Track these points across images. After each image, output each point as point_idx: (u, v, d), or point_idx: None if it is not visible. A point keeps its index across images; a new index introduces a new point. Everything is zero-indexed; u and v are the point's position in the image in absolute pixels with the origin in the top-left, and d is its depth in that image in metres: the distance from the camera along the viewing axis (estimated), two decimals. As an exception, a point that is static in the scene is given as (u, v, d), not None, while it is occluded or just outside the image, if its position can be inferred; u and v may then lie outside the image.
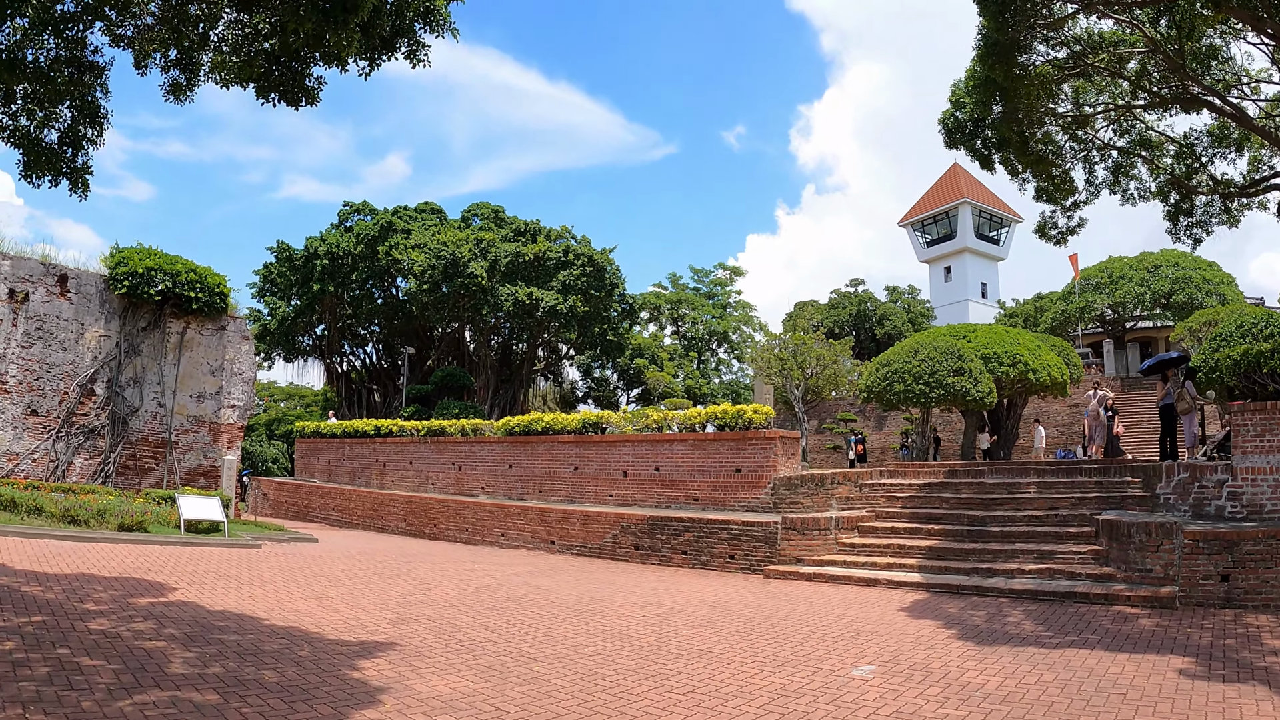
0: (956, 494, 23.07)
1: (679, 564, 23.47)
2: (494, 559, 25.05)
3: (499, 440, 34.02)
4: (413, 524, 34.33)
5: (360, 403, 68.46)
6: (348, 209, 68.82)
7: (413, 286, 57.74)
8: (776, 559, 21.49)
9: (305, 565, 20.78)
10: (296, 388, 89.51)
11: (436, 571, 21.16)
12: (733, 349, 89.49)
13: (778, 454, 25.55)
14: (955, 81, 27.63)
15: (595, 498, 29.68)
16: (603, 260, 61.37)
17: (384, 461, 40.90)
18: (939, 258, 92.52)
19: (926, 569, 19.28)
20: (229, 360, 32.89)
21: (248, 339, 33.95)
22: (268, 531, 27.83)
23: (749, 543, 22.15)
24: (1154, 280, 65.35)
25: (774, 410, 27.74)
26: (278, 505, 45.24)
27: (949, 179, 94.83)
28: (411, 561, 23.29)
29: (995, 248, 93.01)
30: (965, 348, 35.01)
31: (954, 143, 27.68)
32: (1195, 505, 18.16)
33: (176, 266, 31.02)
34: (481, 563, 23.80)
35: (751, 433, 26.06)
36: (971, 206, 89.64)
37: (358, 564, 21.87)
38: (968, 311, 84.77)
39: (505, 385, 67.10)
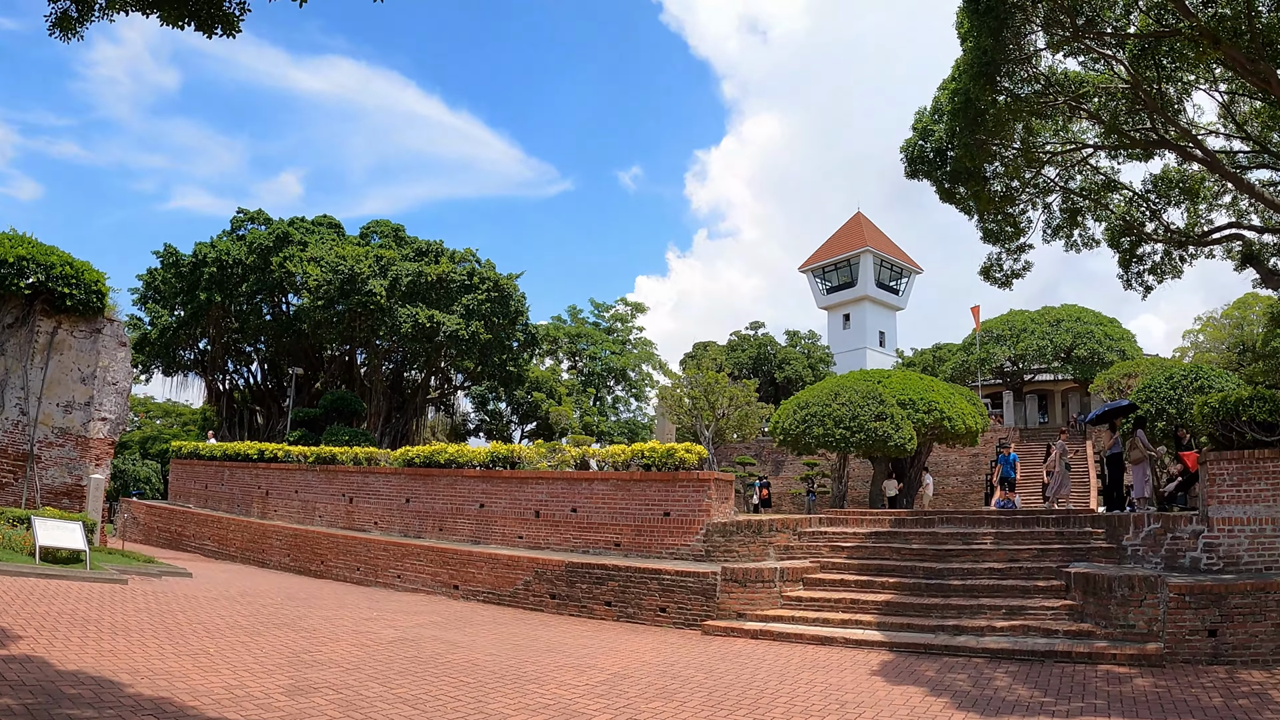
0: (907, 544, 22.05)
1: (601, 616, 21.53)
2: (393, 604, 22.68)
3: (396, 472, 31.45)
4: (297, 560, 31.62)
5: (242, 424, 64.67)
6: (241, 216, 64.95)
7: (306, 302, 54.16)
8: (715, 613, 19.76)
9: (179, 608, 18.08)
10: (174, 405, 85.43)
11: (331, 620, 18.69)
12: (631, 387, 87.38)
13: (711, 497, 23.63)
14: (920, 109, 26.89)
15: (503, 539, 27.35)
16: (508, 286, 58.76)
17: (267, 489, 37.93)
18: (838, 305, 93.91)
19: (886, 626, 17.97)
20: (103, 367, 29.97)
21: (125, 345, 31.02)
22: (136, 563, 24.88)
23: (683, 595, 20.36)
24: (1056, 334, 66.93)
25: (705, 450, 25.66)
26: (149, 531, 42.09)
27: (852, 227, 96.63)
28: (301, 606, 20.77)
29: (895, 297, 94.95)
30: (885, 393, 34.76)
31: (915, 173, 26.56)
32: (1168, 557, 17.88)
33: (51, 258, 28.03)
34: (380, 609, 21.43)
35: (683, 474, 24.10)
36: (873, 255, 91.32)
37: (239, 608, 19.23)
38: (865, 359, 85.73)
39: (397, 413, 64.00)
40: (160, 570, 24.62)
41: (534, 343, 62.92)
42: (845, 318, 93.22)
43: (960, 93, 22.02)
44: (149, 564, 25.47)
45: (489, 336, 57.82)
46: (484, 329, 57.08)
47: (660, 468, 24.63)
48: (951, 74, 23.71)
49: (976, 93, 21.09)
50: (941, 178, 25.90)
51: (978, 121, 22.15)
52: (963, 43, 21.41)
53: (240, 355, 66.75)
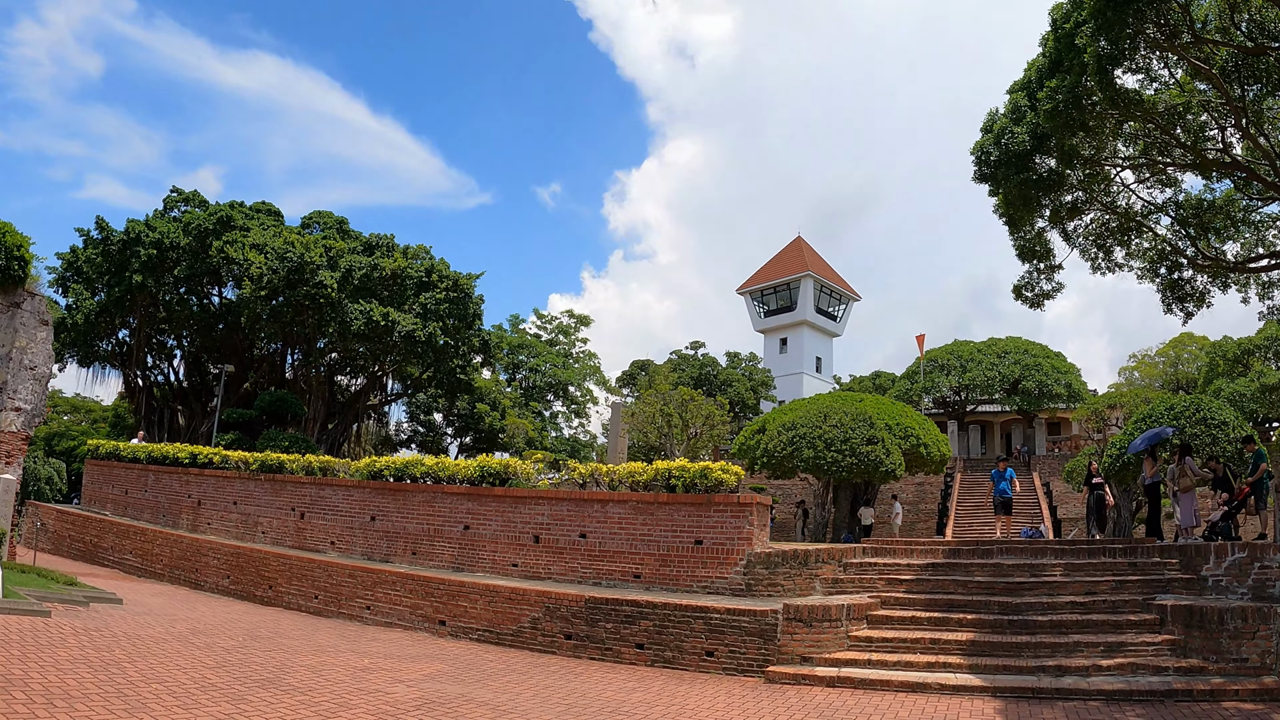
0: (969, 576, 20.32)
1: (631, 660, 18.16)
2: (377, 646, 18.69)
3: (359, 485, 27.30)
4: (239, 582, 27.35)
5: (162, 424, 59.29)
6: (175, 196, 59.59)
7: (246, 292, 48.68)
8: (776, 657, 16.96)
9: (124, 655, 14.01)
10: (84, 400, 79.99)
11: (319, 672, 14.74)
12: (571, 402, 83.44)
13: (753, 524, 20.26)
14: (992, 110, 25.79)
15: (493, 567, 23.49)
16: (467, 286, 54.48)
17: (199, 498, 33.49)
18: (776, 328, 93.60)
19: (980, 669, 16.17)
20: (19, 349, 25.69)
21: (47, 324, 26.78)
22: (55, 586, 20.57)
23: (736, 636, 17.33)
24: (1003, 365, 68.09)
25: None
26: (59, 540, 37.40)
27: (792, 251, 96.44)
28: (270, 649, 16.80)
29: (833, 323, 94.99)
30: (873, 416, 33.87)
31: (985, 177, 25.25)
32: (1256, 587, 17.19)
33: None
34: (366, 652, 17.49)
35: (720, 496, 20.62)
36: (814, 280, 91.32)
37: (198, 653, 15.18)
38: (802, 384, 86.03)
39: (335, 418, 59.53)
40: (86, 595, 20.40)
41: (486, 348, 58.45)
42: (783, 341, 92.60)
43: (1064, 89, 20.81)
44: (71, 586, 21.17)
45: (446, 340, 53.57)
46: (440, 331, 52.86)
47: (690, 488, 21.18)
48: (1025, 76, 24.03)
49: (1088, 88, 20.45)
50: (1015, 183, 24.53)
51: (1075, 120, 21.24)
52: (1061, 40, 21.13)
53: (161, 350, 61.70)
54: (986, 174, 24.87)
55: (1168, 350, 79.77)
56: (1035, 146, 23.39)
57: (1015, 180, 24.05)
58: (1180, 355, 78.17)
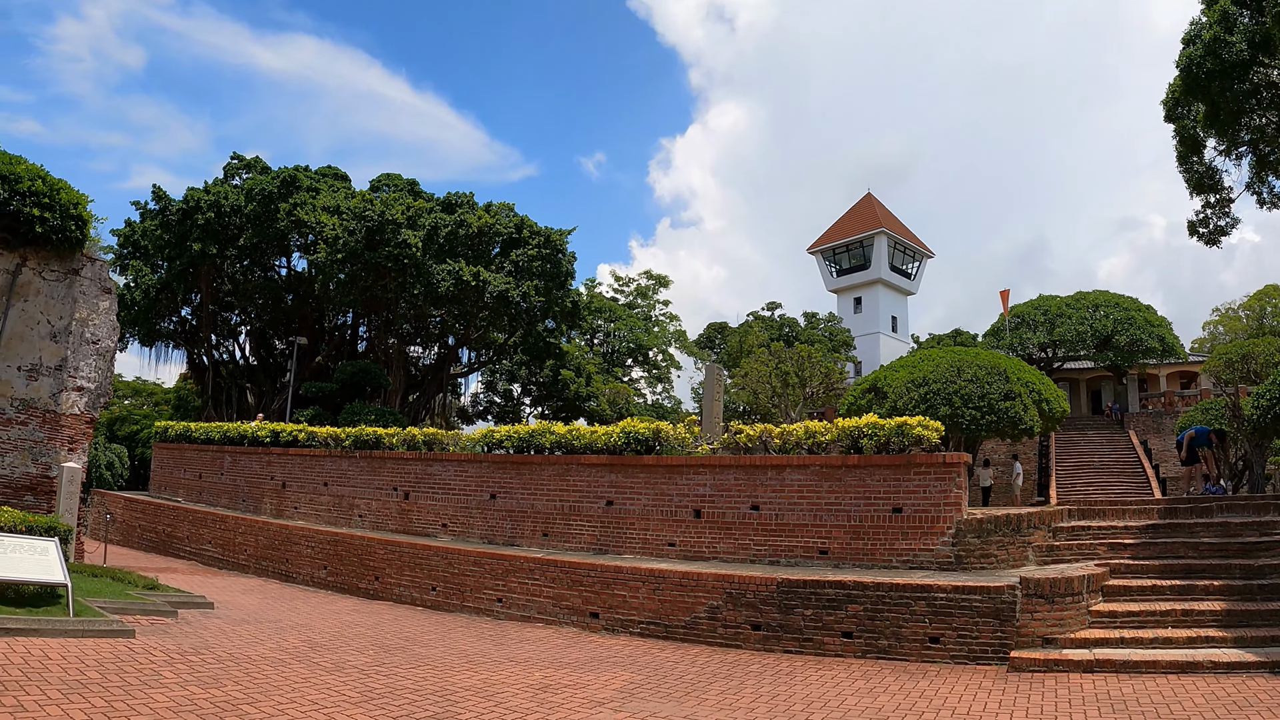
0: (1195, 538, 17.90)
1: (837, 652, 15.12)
2: (529, 649, 15.27)
3: (474, 459, 23.83)
4: (338, 573, 24.05)
5: (230, 404, 56.19)
6: (236, 163, 56.28)
7: (321, 256, 45.06)
8: (1016, 641, 14.10)
9: (237, 692, 10.56)
10: (145, 383, 77.17)
11: (488, 695, 11.35)
12: (652, 367, 79.60)
13: (960, 486, 17.18)
14: (1194, 20, 24.06)
15: (645, 548, 20.02)
16: (559, 241, 50.56)
17: (283, 480, 30.24)
18: (849, 288, 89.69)
19: (1246, 641, 13.71)
20: (80, 320, 22.63)
21: (109, 292, 23.73)
22: (134, 593, 17.08)
23: (966, 618, 14.43)
24: (1095, 320, 63.99)
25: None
26: (128, 530, 34.50)
27: (863, 208, 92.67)
28: (412, 662, 13.44)
29: (907, 281, 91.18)
30: (1008, 369, 31.55)
31: (1194, 89, 23.68)
32: None
33: (17, 169, 20.55)
34: (523, 659, 14.08)
35: (921, 456, 17.30)
36: (888, 237, 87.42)
37: (330, 679, 11.72)
38: (879, 344, 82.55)
39: (415, 391, 56.09)
40: (171, 601, 17.03)
41: (576, 312, 54.43)
42: (857, 301, 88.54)
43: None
44: (152, 591, 17.76)
45: (541, 299, 49.72)
46: (536, 291, 49.04)
47: (884, 448, 17.78)
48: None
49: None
50: (1232, 95, 22.69)
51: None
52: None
53: (225, 326, 58.62)
54: (1196, 86, 23.13)
55: (1253, 303, 77.85)
56: (1253, 57, 21.36)
57: (1233, 92, 22.16)
58: (1265, 307, 76.31)
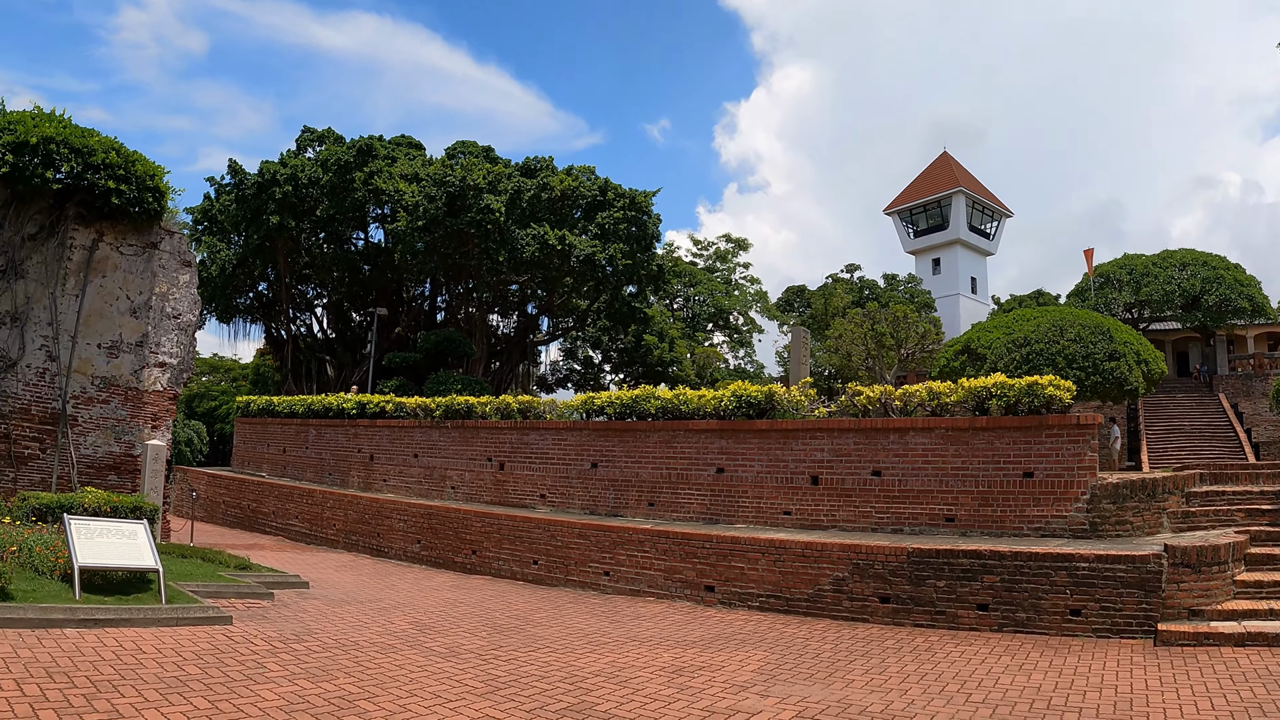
0: None
1: (971, 625, 14.17)
2: (647, 627, 14.33)
3: (574, 426, 22.76)
4: (433, 547, 23.20)
5: (310, 377, 55.59)
6: (308, 135, 55.54)
7: (401, 224, 44.06)
8: (1162, 613, 13.16)
9: (350, 685, 9.56)
10: (222, 360, 76.99)
11: (622, 682, 10.37)
12: (734, 332, 78.14)
13: (1094, 449, 15.97)
14: None
15: (758, 516, 18.82)
16: (644, 204, 49.16)
17: (371, 452, 29.37)
18: (927, 249, 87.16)
19: None
20: (160, 295, 21.93)
21: (189, 265, 22.98)
22: (226, 575, 16.17)
23: (1109, 589, 13.46)
24: (1182, 279, 60.91)
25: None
26: (212, 506, 34.10)
27: (940, 167, 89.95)
28: (530, 645, 12.41)
29: (986, 241, 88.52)
30: (1113, 329, 30.76)
31: None
32: None
33: (90, 142, 19.68)
34: (645, 638, 13.20)
35: (1053, 417, 16.01)
36: (966, 196, 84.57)
37: (448, 667, 10.70)
38: (958, 306, 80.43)
39: (499, 358, 55.19)
40: (265, 582, 16.15)
41: (661, 275, 53.04)
42: (935, 262, 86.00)
43: None
44: (245, 571, 16.89)
45: (628, 263, 48.31)
46: (622, 253, 47.70)
47: (1012, 410, 16.52)
48: None
49: None
50: None
51: None
52: None
53: (302, 300, 58.06)
54: None
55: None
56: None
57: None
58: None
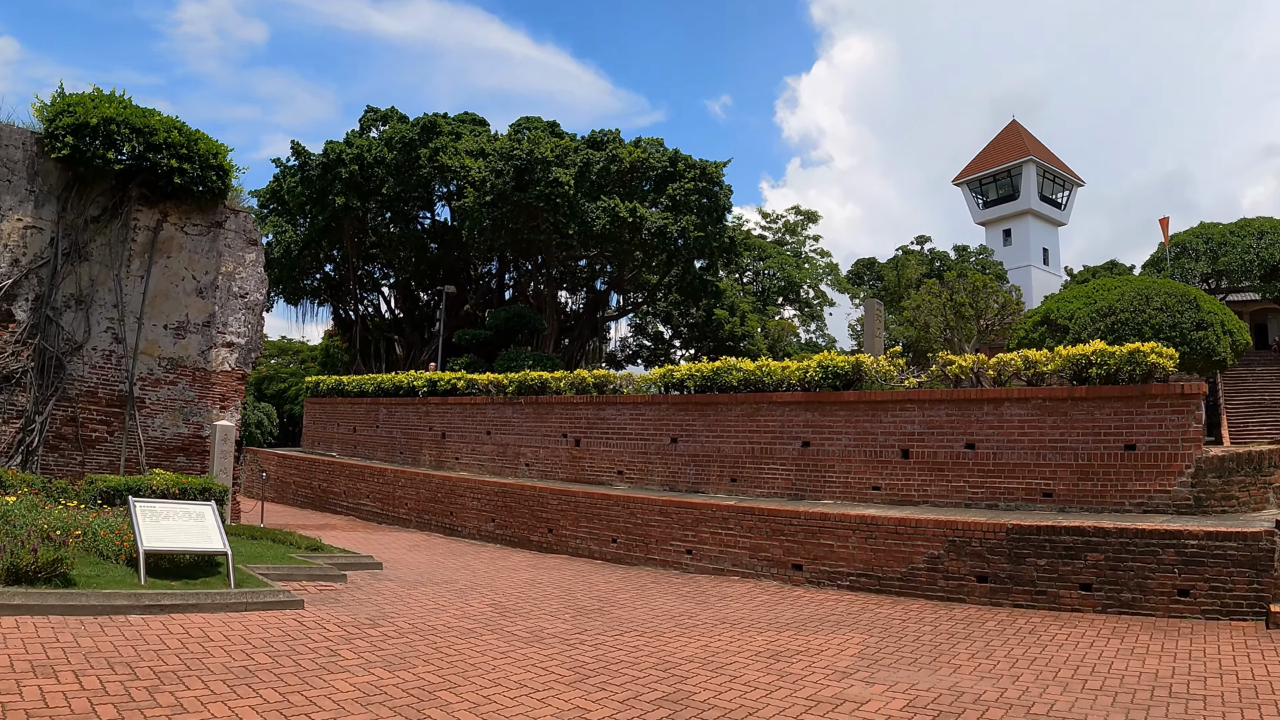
0: None
1: (1073, 606, 13.39)
2: (736, 608, 13.60)
3: (651, 400, 22.03)
4: (507, 526, 22.71)
5: (378, 356, 55.41)
6: (371, 115, 55.16)
7: (468, 200, 43.71)
8: (1273, 594, 12.28)
9: (429, 673, 8.99)
10: (290, 342, 77.17)
11: (717, 668, 9.69)
12: (804, 305, 76.98)
13: (1199, 420, 15.06)
14: None
15: (845, 492, 18.04)
16: (715, 174, 48.11)
17: (443, 430, 28.91)
18: (998, 219, 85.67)
19: None
20: (226, 274, 21.72)
21: (255, 244, 22.74)
22: (297, 556, 15.65)
23: (1219, 568, 12.64)
24: (1262, 248, 58.23)
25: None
26: (283, 487, 33.95)
27: (1009, 136, 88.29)
28: (616, 628, 11.85)
29: (1058, 211, 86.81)
30: (1199, 298, 29.78)
31: None
32: None
33: (151, 121, 19.38)
34: (736, 620, 12.54)
35: (1156, 387, 15.02)
36: (1036, 165, 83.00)
37: (531, 654, 10.09)
38: (1030, 277, 78.31)
39: (568, 334, 54.63)
40: (336, 563, 15.61)
41: (733, 248, 51.99)
42: (1006, 233, 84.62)
43: None
44: (316, 553, 16.39)
45: (700, 234, 47.21)
46: (695, 225, 46.63)
47: (1111, 379, 15.63)
48: None
49: None
50: None
51: None
52: None
53: (369, 280, 57.90)
54: None
55: None
56: None
57: None
58: None
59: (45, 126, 18.90)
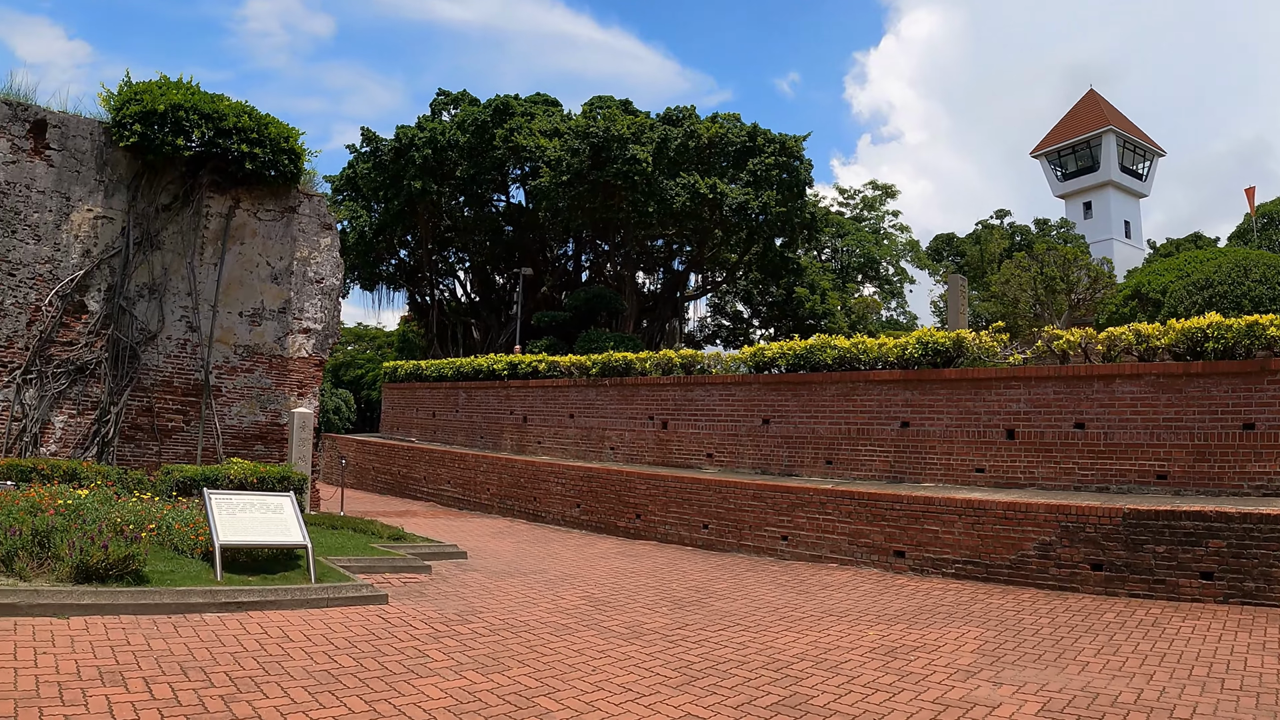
0: None
1: (1193, 595, 12.50)
2: (839, 598, 12.84)
3: (742, 380, 21.25)
4: (592, 511, 22.05)
5: (455, 341, 55.11)
6: (442, 99, 54.90)
7: (544, 180, 43.23)
8: None
9: (525, 675, 8.29)
10: (366, 328, 77.04)
11: (833, 667, 8.89)
12: (884, 283, 75.45)
13: None
14: None
15: (947, 474, 17.14)
16: (795, 149, 46.76)
17: (524, 414, 28.37)
18: (1077, 192, 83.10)
19: None
20: (301, 260, 21.30)
21: (330, 228, 22.30)
22: (379, 547, 15.07)
23: None
24: None
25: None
26: (361, 473, 33.60)
27: (1087, 106, 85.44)
28: (717, 622, 11.02)
29: (1139, 183, 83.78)
30: None
31: None
32: None
33: (220, 107, 18.99)
34: (842, 612, 11.71)
35: (1276, 361, 14.01)
36: (1116, 135, 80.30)
37: (633, 651, 9.38)
38: (1112, 251, 74.36)
39: (646, 315, 53.92)
40: (419, 553, 15.10)
41: (814, 224, 50.80)
42: (1086, 206, 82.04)
43: None
44: (399, 542, 15.82)
45: (782, 210, 45.89)
46: (776, 200, 45.36)
47: (1227, 354, 14.62)
48: None
49: None
50: None
51: None
52: None
53: (443, 265, 57.58)
54: None
55: None
56: None
57: None
58: None
59: (112, 116, 18.60)
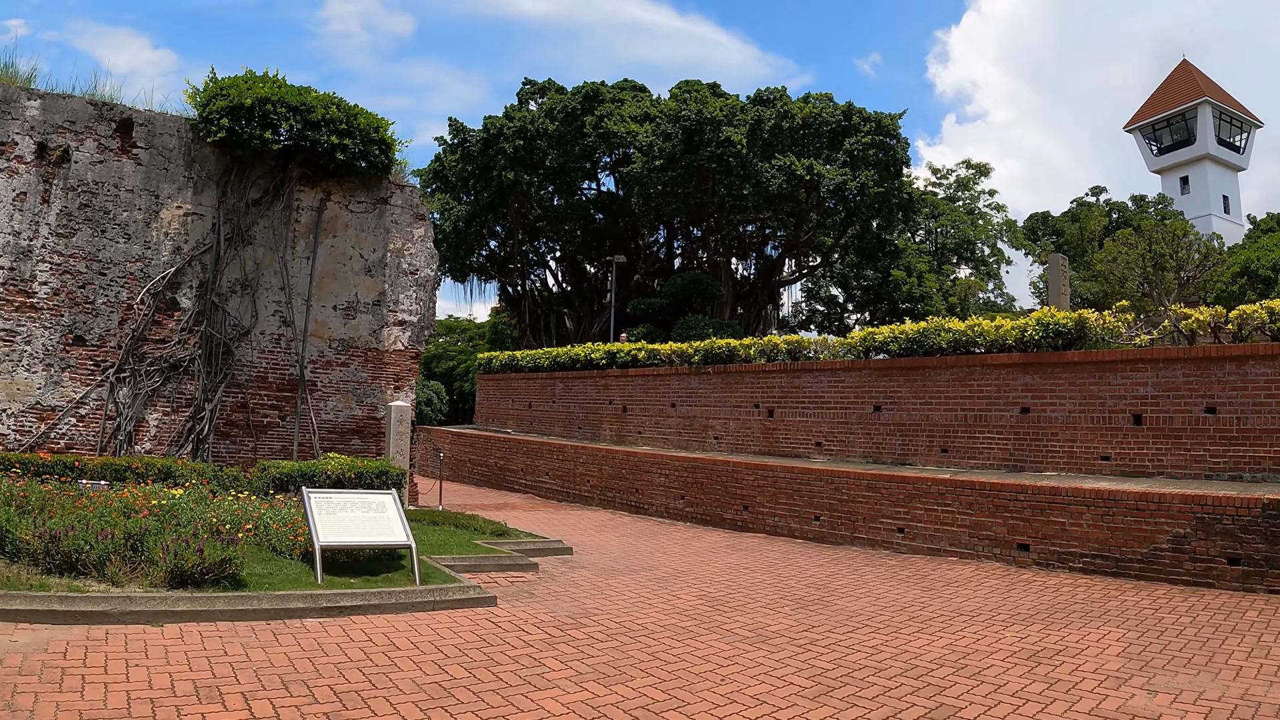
0: None
1: None
2: (965, 595, 12.00)
3: (851, 366, 20.48)
4: (697, 503, 21.40)
5: (548, 331, 54.82)
6: (528, 88, 54.43)
7: (637, 166, 42.67)
8: None
9: (649, 686, 7.68)
10: (456, 320, 77.00)
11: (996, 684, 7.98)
12: (980, 264, 73.46)
13: None
14: None
15: (1070, 462, 16.25)
16: (891, 127, 45.43)
17: (623, 404, 27.88)
18: (1173, 166, 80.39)
19: None
20: (394, 251, 21.09)
21: (423, 219, 22.06)
22: (482, 543, 14.53)
23: None
24: None
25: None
26: (457, 466, 33.35)
27: (1181, 77, 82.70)
28: (847, 624, 10.32)
29: (1236, 155, 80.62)
30: None
31: None
32: None
33: (307, 99, 18.88)
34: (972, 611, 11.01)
35: None
36: (1212, 106, 77.66)
37: (762, 658, 8.74)
38: (1211, 228, 71.05)
39: (741, 301, 53.12)
40: (525, 549, 14.59)
41: (911, 205, 49.46)
42: (1183, 180, 79.20)
43: None
44: (502, 538, 15.27)
45: (879, 190, 44.61)
46: (874, 180, 44.14)
47: None
48: None
49: None
50: None
51: None
52: None
53: (534, 255, 57.32)
54: None
55: None
56: None
57: None
58: None
59: (199, 112, 18.57)
